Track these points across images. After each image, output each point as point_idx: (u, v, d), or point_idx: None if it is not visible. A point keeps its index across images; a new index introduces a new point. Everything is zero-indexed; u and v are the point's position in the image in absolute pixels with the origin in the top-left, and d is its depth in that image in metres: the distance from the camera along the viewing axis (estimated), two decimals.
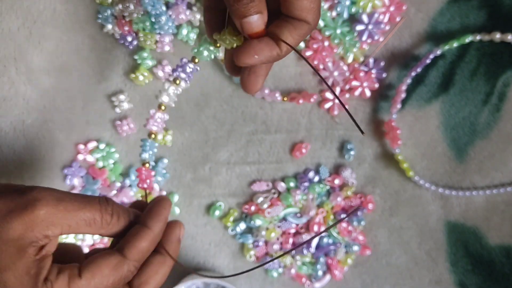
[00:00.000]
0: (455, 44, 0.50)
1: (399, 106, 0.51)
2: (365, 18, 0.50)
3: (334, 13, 0.50)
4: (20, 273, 0.30)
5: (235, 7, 0.31)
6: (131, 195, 0.53)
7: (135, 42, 0.51)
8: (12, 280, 0.30)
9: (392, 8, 0.50)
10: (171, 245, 0.35)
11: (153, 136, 0.39)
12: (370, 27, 0.50)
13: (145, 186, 0.38)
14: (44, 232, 0.31)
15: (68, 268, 0.32)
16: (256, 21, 0.31)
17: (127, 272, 0.33)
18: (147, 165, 0.38)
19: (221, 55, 0.50)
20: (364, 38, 0.50)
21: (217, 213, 0.54)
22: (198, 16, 0.50)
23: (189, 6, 0.50)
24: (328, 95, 0.52)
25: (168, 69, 0.51)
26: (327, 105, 0.53)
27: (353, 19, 0.51)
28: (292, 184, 0.54)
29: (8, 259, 0.30)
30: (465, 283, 0.56)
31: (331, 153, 0.54)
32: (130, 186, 0.53)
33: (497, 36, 0.49)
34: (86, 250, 0.54)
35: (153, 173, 0.40)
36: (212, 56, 0.36)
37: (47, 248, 0.32)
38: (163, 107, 0.39)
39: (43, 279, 0.31)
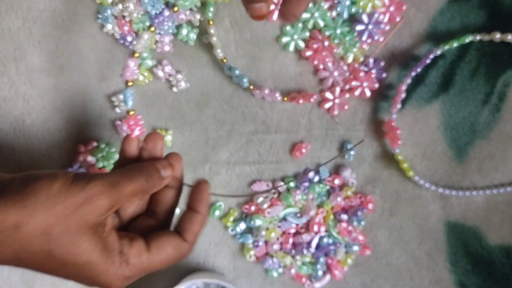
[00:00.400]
0: (455, 44, 0.50)
1: (399, 106, 0.51)
2: (365, 18, 0.50)
3: (334, 13, 0.50)
4: (98, 252, 0.34)
5: None
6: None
7: (135, 42, 0.51)
8: (94, 259, 0.34)
9: (392, 8, 0.50)
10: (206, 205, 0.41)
11: (130, 83, 0.43)
12: (370, 27, 0.50)
13: (137, 133, 0.40)
14: (107, 214, 0.35)
15: (136, 240, 0.36)
16: (260, 7, 0.37)
17: (185, 252, 0.38)
18: (131, 112, 0.41)
19: (220, 55, 0.51)
20: (364, 38, 0.50)
21: (217, 213, 0.54)
22: (198, 16, 0.50)
23: None
24: (328, 95, 0.52)
25: (168, 69, 0.51)
26: (327, 105, 0.53)
27: (353, 19, 0.51)
28: (292, 184, 0.54)
29: (86, 243, 0.34)
30: (465, 283, 0.56)
31: (331, 153, 0.54)
32: None
33: (497, 36, 0.49)
34: None
35: (139, 116, 0.44)
36: (194, 6, 0.39)
37: (111, 224, 0.37)
38: (136, 55, 0.43)
39: (118, 253, 0.35)
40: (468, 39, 0.50)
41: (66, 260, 0.33)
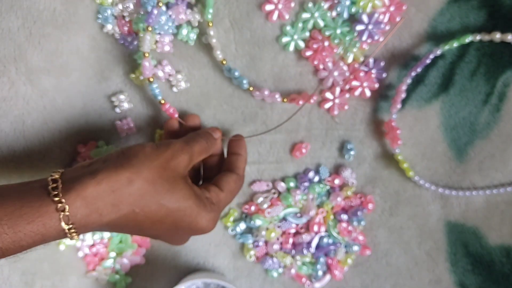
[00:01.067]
0: (455, 44, 0.50)
1: (399, 106, 0.51)
2: (365, 18, 0.50)
3: (334, 13, 0.50)
4: (194, 198, 0.42)
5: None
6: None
7: (135, 42, 0.51)
8: (192, 204, 0.42)
9: (392, 8, 0.50)
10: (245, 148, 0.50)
11: (151, 79, 0.49)
12: (370, 27, 0.50)
13: (176, 115, 0.51)
14: (188, 167, 0.44)
15: (210, 186, 0.46)
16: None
17: (241, 183, 0.48)
18: (162, 101, 0.50)
19: (220, 57, 0.51)
20: (364, 38, 0.50)
21: None
22: (198, 17, 0.50)
23: (189, 6, 0.50)
24: (328, 95, 0.52)
25: (168, 69, 0.51)
26: (327, 105, 0.53)
27: (353, 19, 0.51)
28: (292, 184, 0.54)
29: (183, 190, 0.41)
30: (465, 283, 0.56)
31: (331, 153, 0.54)
32: None
33: (497, 36, 0.49)
34: (86, 250, 0.54)
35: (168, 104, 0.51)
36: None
37: (189, 177, 0.45)
38: (146, 55, 0.48)
39: (205, 198, 0.43)
40: (468, 39, 0.50)
41: (173, 207, 0.40)
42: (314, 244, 0.55)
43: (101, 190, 0.37)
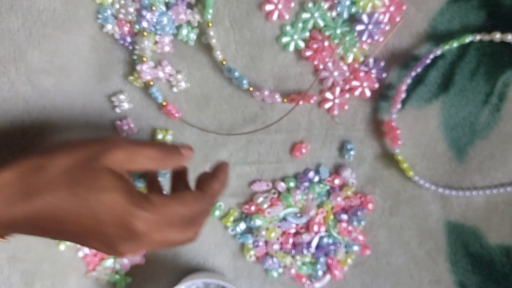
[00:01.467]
0: (455, 44, 0.50)
1: (399, 106, 0.51)
2: (365, 18, 0.50)
3: (334, 13, 0.50)
4: (122, 191, 0.36)
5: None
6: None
7: (137, 47, 0.50)
8: (119, 198, 0.36)
9: (392, 8, 0.50)
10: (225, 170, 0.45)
11: (151, 83, 0.50)
12: (370, 27, 0.50)
13: (177, 116, 0.51)
14: (125, 167, 0.38)
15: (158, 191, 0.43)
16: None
17: (204, 201, 0.41)
18: (164, 103, 0.50)
19: (220, 57, 0.51)
20: (364, 38, 0.50)
21: (217, 213, 0.54)
22: (198, 17, 0.50)
23: (189, 6, 0.50)
24: (328, 95, 0.52)
25: (168, 69, 0.51)
26: (327, 105, 0.53)
27: (353, 19, 0.51)
28: (292, 184, 0.54)
29: (106, 180, 0.36)
30: (465, 283, 0.56)
31: (331, 153, 0.54)
32: None
33: (497, 36, 0.49)
34: (86, 250, 0.54)
35: (171, 105, 0.51)
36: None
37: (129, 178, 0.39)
38: (144, 59, 0.48)
39: (142, 196, 0.37)
40: (468, 39, 0.50)
41: (92, 198, 0.35)
42: (314, 244, 0.55)
43: (10, 176, 0.35)
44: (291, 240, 0.55)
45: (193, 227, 0.40)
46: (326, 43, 0.51)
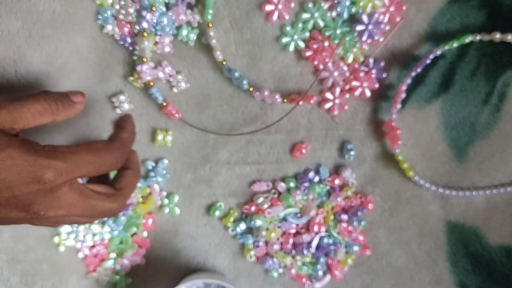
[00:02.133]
0: (455, 44, 0.50)
1: (399, 106, 0.51)
2: (365, 18, 0.50)
3: (334, 13, 0.50)
4: (14, 141, 0.34)
5: None
6: (132, 195, 0.53)
7: (137, 48, 0.50)
8: (11, 149, 0.34)
9: (392, 8, 0.50)
10: (136, 164, 0.46)
11: (151, 83, 0.50)
12: (370, 27, 0.50)
13: (178, 116, 0.51)
14: (15, 126, 0.36)
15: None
16: None
17: (118, 153, 0.40)
18: (164, 104, 0.50)
19: (220, 57, 0.50)
20: (364, 38, 0.50)
21: (217, 213, 0.54)
22: (198, 17, 0.50)
23: (189, 7, 0.50)
24: (328, 95, 0.52)
25: (168, 69, 0.51)
26: (327, 105, 0.53)
27: (353, 19, 0.51)
28: (292, 184, 0.54)
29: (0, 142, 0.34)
30: (465, 283, 0.56)
31: (331, 153, 0.54)
32: None
33: (497, 36, 0.49)
34: (86, 251, 0.54)
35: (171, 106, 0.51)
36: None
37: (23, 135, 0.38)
38: (144, 60, 0.49)
39: (41, 146, 0.36)
40: (468, 39, 0.50)
41: None
42: (314, 244, 0.55)
43: None
44: (291, 240, 0.55)
45: (118, 196, 0.41)
46: (326, 43, 0.51)
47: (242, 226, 0.55)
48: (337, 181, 0.54)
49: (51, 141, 0.52)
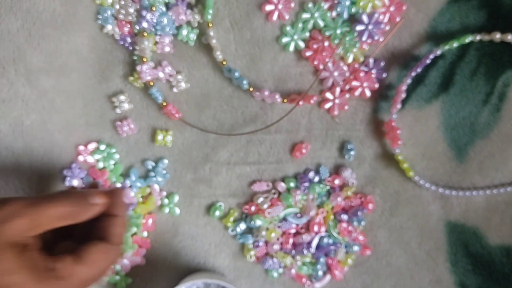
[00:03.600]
0: (455, 44, 0.50)
1: (399, 106, 0.51)
2: (365, 18, 0.50)
3: (334, 13, 0.50)
4: (26, 271, 0.34)
5: None
6: (132, 195, 0.53)
7: (137, 48, 0.50)
8: (22, 279, 0.34)
9: (392, 8, 0.50)
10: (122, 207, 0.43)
11: (151, 83, 0.50)
12: (370, 27, 0.50)
13: (177, 116, 0.51)
14: (29, 233, 0.35)
15: (63, 256, 0.37)
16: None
17: (114, 254, 0.40)
18: (164, 103, 0.49)
19: (220, 57, 0.50)
20: (364, 38, 0.50)
21: (217, 213, 0.54)
22: (198, 17, 0.50)
23: (189, 7, 0.50)
24: (328, 95, 0.52)
25: (168, 69, 0.51)
26: (327, 105, 0.53)
27: (353, 19, 0.51)
28: (292, 184, 0.54)
29: (8, 261, 0.34)
30: (465, 283, 0.56)
31: (331, 153, 0.54)
32: (130, 186, 0.53)
33: (497, 36, 0.49)
34: None
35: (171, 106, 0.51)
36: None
37: (35, 244, 0.37)
38: (144, 59, 0.49)
39: (48, 270, 0.35)
40: (468, 39, 0.50)
41: None
42: (314, 244, 0.55)
43: None
44: (291, 240, 0.55)
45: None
46: (326, 43, 0.51)
47: (242, 226, 0.55)
48: (337, 181, 0.54)
49: (52, 139, 0.52)
